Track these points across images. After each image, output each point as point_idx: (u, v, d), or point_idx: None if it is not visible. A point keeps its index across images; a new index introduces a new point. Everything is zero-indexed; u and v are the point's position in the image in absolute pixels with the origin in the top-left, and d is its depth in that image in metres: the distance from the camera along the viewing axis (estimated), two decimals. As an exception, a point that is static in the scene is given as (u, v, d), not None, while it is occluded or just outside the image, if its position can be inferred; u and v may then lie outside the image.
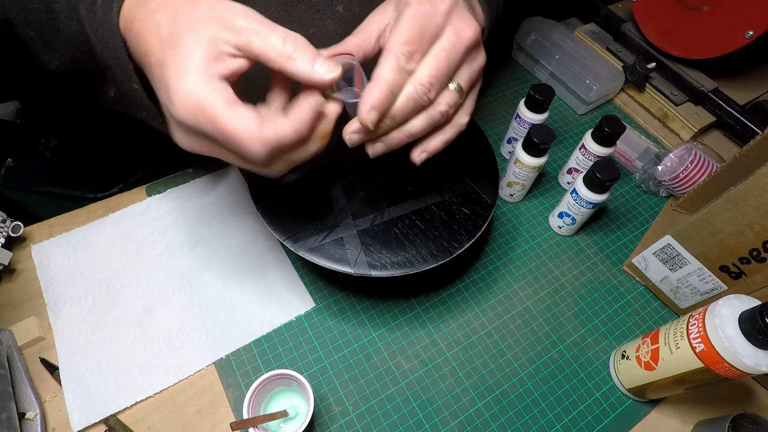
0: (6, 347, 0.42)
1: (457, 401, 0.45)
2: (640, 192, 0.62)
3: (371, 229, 0.43)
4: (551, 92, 0.53)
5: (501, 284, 0.52)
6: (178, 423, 0.41)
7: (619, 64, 0.70)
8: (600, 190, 0.48)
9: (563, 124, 0.68)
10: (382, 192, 0.46)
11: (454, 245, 0.43)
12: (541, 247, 0.55)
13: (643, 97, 0.70)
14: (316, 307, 0.49)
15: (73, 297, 0.47)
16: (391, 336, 0.48)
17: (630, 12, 0.71)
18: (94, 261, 0.49)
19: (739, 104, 0.64)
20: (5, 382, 0.39)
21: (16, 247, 0.49)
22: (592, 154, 0.53)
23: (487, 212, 0.45)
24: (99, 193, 0.90)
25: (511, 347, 0.48)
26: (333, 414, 0.43)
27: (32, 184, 0.82)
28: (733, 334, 0.34)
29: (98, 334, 0.45)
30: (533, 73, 0.73)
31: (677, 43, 0.65)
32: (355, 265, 0.41)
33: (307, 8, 0.44)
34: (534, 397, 0.45)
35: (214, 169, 0.57)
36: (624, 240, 0.57)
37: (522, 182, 0.54)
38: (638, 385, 0.43)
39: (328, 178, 0.46)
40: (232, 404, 0.43)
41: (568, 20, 0.79)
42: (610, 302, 0.52)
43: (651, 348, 0.41)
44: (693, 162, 0.55)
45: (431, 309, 0.50)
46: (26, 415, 0.39)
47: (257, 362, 0.45)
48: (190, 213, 0.53)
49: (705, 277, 0.45)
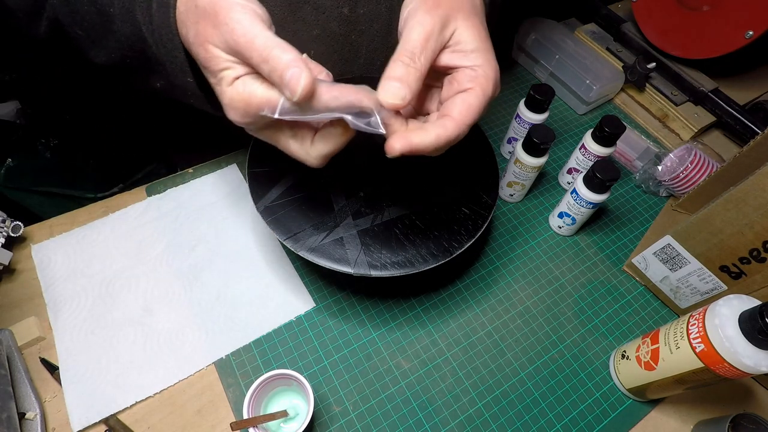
0: (6, 347, 0.42)
1: (457, 401, 0.45)
2: (640, 192, 0.62)
3: (371, 229, 0.43)
4: (551, 92, 0.53)
5: (501, 284, 0.52)
6: (178, 423, 0.41)
7: (619, 64, 0.70)
8: (600, 190, 0.48)
9: (563, 124, 0.68)
10: (382, 192, 0.46)
11: (454, 245, 0.43)
12: (541, 247, 0.55)
13: (643, 97, 0.70)
14: (316, 307, 0.49)
15: (73, 297, 0.47)
16: (391, 336, 0.48)
17: (630, 12, 0.71)
18: (94, 261, 0.49)
19: (739, 104, 0.64)
20: (5, 382, 0.39)
21: (16, 247, 0.49)
22: (592, 154, 0.53)
23: (487, 212, 0.45)
24: (99, 193, 0.90)
25: (511, 347, 0.48)
26: (333, 414, 0.43)
27: (32, 184, 0.83)
28: (733, 334, 0.34)
29: (98, 334, 0.45)
30: (533, 73, 0.73)
31: (677, 43, 0.65)
32: (355, 265, 0.41)
33: (312, 10, 0.44)
34: (534, 397, 0.45)
35: (214, 169, 0.57)
36: (624, 240, 0.57)
37: (522, 182, 0.54)
38: (638, 385, 0.43)
39: (328, 178, 0.46)
40: (232, 404, 0.43)
41: (568, 20, 0.79)
42: (610, 302, 0.52)
43: (651, 348, 0.41)
44: (693, 162, 0.55)
45: (431, 309, 0.50)
46: (26, 415, 0.39)
47: (257, 362, 0.45)
48: (190, 213, 0.53)
49: (705, 277, 0.45)
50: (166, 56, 0.35)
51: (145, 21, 0.34)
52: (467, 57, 0.32)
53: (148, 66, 0.37)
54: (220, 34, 0.28)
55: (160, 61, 0.36)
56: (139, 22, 0.34)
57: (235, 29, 0.27)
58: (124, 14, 0.35)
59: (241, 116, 0.30)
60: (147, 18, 0.34)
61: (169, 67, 0.36)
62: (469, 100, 0.31)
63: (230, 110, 0.30)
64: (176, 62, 0.35)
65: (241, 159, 0.58)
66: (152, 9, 0.33)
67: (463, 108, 0.31)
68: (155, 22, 0.33)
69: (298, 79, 0.26)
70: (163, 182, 0.56)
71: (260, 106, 0.28)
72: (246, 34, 0.27)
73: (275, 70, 0.26)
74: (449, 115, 0.31)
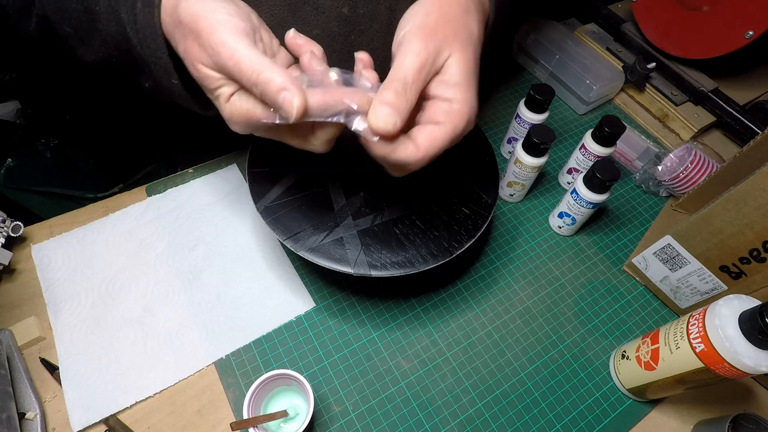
0: (6, 347, 0.42)
1: (457, 401, 0.45)
2: (640, 192, 0.62)
3: (371, 229, 0.43)
4: (551, 92, 0.53)
5: (501, 284, 0.52)
6: (178, 423, 0.41)
7: (619, 64, 0.70)
8: (600, 190, 0.48)
9: (563, 124, 0.68)
10: (382, 192, 0.46)
11: (454, 245, 0.43)
12: (541, 247, 0.55)
13: (643, 97, 0.70)
14: (316, 307, 0.49)
15: (73, 297, 0.47)
16: (391, 336, 0.48)
17: (630, 12, 0.71)
18: (94, 261, 0.49)
19: (739, 104, 0.64)
20: (5, 382, 0.39)
21: (16, 247, 0.49)
22: (592, 154, 0.53)
23: (487, 212, 0.45)
24: (99, 193, 0.90)
25: (511, 347, 0.48)
26: (333, 414, 0.43)
27: (32, 184, 0.83)
28: (733, 334, 0.34)
29: (98, 334, 0.45)
30: (533, 73, 0.73)
31: (677, 43, 0.65)
32: (355, 265, 0.41)
33: (311, 10, 0.44)
34: (534, 397, 0.45)
35: (214, 169, 0.57)
36: (624, 240, 0.57)
37: (522, 182, 0.54)
38: (638, 385, 0.43)
39: (328, 178, 0.46)
40: (232, 404, 0.43)
41: (568, 20, 0.79)
42: (610, 302, 0.52)
43: (651, 348, 0.41)
44: (693, 162, 0.55)
45: (431, 309, 0.50)
46: (26, 415, 0.39)
47: (257, 362, 0.45)
48: (190, 213, 0.53)
49: (705, 277, 0.45)
50: (150, 57, 0.34)
51: (129, 20, 0.34)
52: (449, 89, 0.31)
53: (135, 66, 0.37)
54: (207, 55, 0.28)
55: (146, 61, 0.35)
56: (124, 21, 0.34)
57: (221, 53, 0.27)
58: (110, 13, 0.34)
59: (243, 129, 0.31)
60: (131, 18, 0.33)
61: (153, 67, 0.35)
62: (435, 134, 0.31)
63: (232, 124, 0.31)
64: (160, 63, 0.34)
65: (241, 159, 0.58)
66: (137, 8, 0.33)
67: (427, 139, 0.31)
68: (139, 22, 0.33)
69: (290, 102, 0.26)
70: (163, 182, 0.56)
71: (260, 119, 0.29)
72: (232, 57, 0.27)
73: (266, 95, 0.27)
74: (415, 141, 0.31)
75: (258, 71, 0.27)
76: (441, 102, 0.32)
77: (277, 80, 0.26)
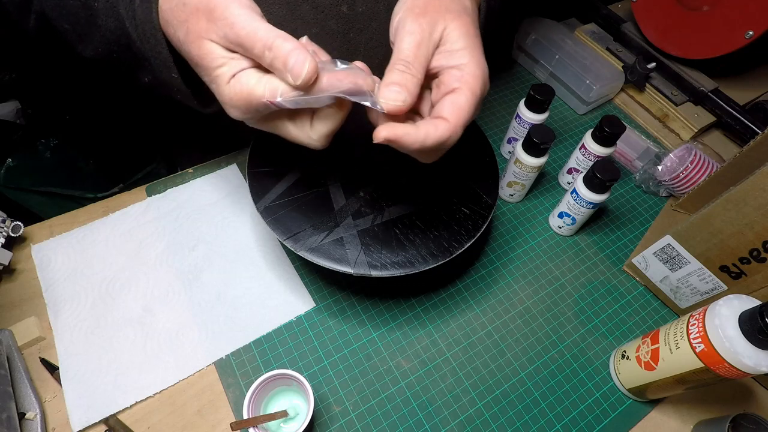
0: (6, 347, 0.42)
1: (457, 401, 0.45)
2: (640, 192, 0.62)
3: (371, 229, 0.43)
4: (551, 92, 0.53)
5: (501, 284, 0.52)
6: (178, 423, 0.41)
7: (619, 64, 0.70)
8: (600, 190, 0.48)
9: (563, 124, 0.68)
10: (382, 192, 0.46)
11: (454, 245, 0.43)
12: (541, 247, 0.55)
13: (643, 97, 0.70)
14: (316, 307, 0.49)
15: (73, 297, 0.47)
16: (391, 336, 0.48)
17: (630, 12, 0.71)
18: (94, 261, 0.49)
19: (739, 104, 0.64)
20: (5, 382, 0.39)
21: (16, 247, 0.49)
22: (592, 154, 0.53)
23: (487, 212, 0.45)
24: (99, 193, 0.90)
25: (511, 347, 0.48)
26: (333, 414, 0.43)
27: (32, 184, 0.83)
28: (733, 334, 0.34)
29: (98, 334, 0.45)
30: (533, 73, 0.73)
31: (677, 43, 0.65)
32: (355, 265, 0.41)
33: (310, 8, 0.44)
34: (534, 397, 0.45)
35: (214, 169, 0.57)
36: (624, 240, 0.57)
37: (522, 182, 0.54)
38: (638, 385, 0.43)
39: (328, 178, 0.46)
40: (232, 404, 0.43)
41: (568, 20, 0.79)
42: (610, 302, 0.52)
43: (651, 348, 0.41)
44: (693, 162, 0.55)
45: (431, 309, 0.50)
46: (26, 415, 0.39)
47: (257, 362, 0.45)
48: (190, 213, 0.53)
49: (705, 277, 0.45)
50: (149, 51, 0.35)
51: (128, 16, 0.34)
52: (453, 56, 0.31)
53: (134, 61, 0.37)
54: (218, 28, 0.28)
55: (145, 56, 0.35)
56: (123, 17, 0.34)
57: (236, 23, 0.28)
58: (108, 9, 0.34)
59: (243, 112, 0.30)
60: (130, 13, 0.34)
61: (153, 62, 0.36)
62: (457, 101, 0.31)
63: (231, 108, 0.30)
64: (160, 57, 0.35)
65: (241, 159, 0.58)
66: (135, 4, 0.33)
67: (453, 109, 0.30)
68: (138, 17, 0.33)
69: (302, 64, 0.27)
70: (163, 182, 0.56)
71: (261, 99, 0.28)
72: (246, 27, 0.27)
73: (278, 57, 0.27)
74: (440, 116, 0.31)
75: (273, 37, 0.27)
76: (452, 71, 0.31)
77: (289, 44, 0.27)
